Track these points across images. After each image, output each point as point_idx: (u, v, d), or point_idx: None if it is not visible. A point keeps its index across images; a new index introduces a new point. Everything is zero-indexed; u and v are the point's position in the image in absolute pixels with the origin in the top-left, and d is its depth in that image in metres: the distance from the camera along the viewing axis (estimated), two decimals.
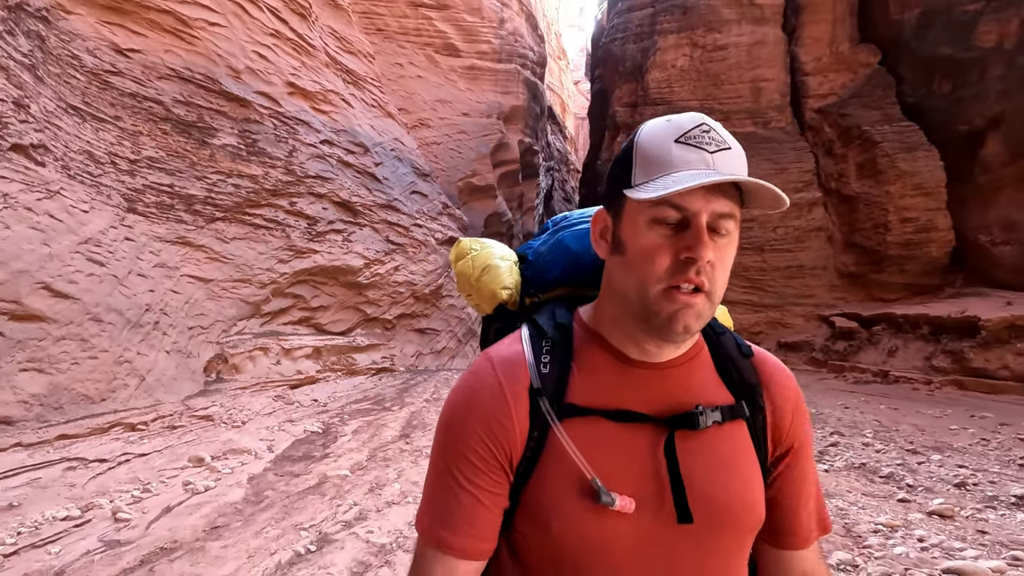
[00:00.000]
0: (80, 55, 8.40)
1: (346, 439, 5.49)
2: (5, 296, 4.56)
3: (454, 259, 1.04)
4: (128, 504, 3.52)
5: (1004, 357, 8.19)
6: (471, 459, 0.72)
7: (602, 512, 0.69)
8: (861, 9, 14.19)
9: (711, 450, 0.74)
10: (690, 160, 0.67)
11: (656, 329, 0.71)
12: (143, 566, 2.87)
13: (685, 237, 0.67)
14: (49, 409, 4.41)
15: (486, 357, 0.79)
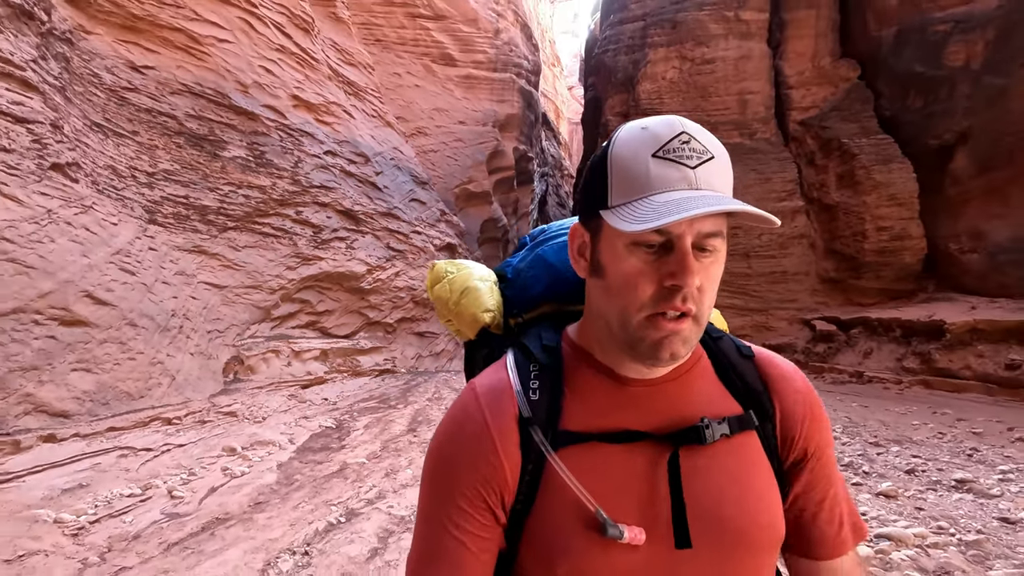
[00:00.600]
0: (100, 73, 8.96)
1: (359, 433, 6.09)
2: (55, 304, 5.13)
3: (430, 284, 0.99)
4: (179, 485, 4.10)
5: (967, 358, 8.87)
6: (458, 503, 0.69)
7: (611, 545, 0.65)
8: (843, 25, 14.92)
9: (720, 466, 0.70)
10: (671, 179, 0.63)
11: (641, 356, 0.67)
12: (205, 531, 3.45)
13: (668, 262, 0.63)
14: (98, 404, 4.98)
15: (471, 389, 0.75)
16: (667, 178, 0.62)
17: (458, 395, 0.76)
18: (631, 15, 18.01)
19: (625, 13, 18.36)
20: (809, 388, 0.78)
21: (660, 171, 0.63)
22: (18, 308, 4.80)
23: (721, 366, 0.77)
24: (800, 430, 0.75)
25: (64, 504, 3.53)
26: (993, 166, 10.33)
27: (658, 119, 0.66)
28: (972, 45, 10.75)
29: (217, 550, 3.21)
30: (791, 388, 0.76)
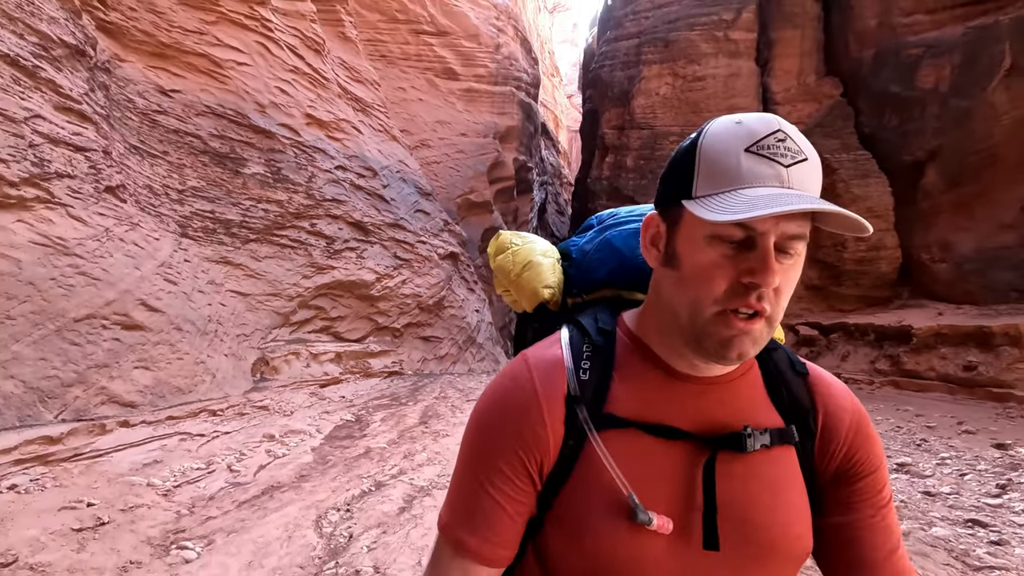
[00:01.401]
0: (133, 98, 9.88)
1: (376, 424, 6.96)
2: (118, 310, 6.01)
3: (493, 253, 1.01)
4: (235, 462, 4.97)
5: (931, 360, 9.75)
6: (499, 465, 0.71)
7: (637, 530, 0.67)
8: (827, 45, 15.88)
9: (757, 474, 0.71)
10: (763, 175, 0.62)
11: (707, 352, 0.67)
12: (264, 495, 4.33)
13: (749, 259, 0.62)
14: (157, 397, 5.86)
15: (523, 359, 0.77)
16: (759, 174, 0.61)
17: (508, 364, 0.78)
18: (626, 32, 18.98)
19: (621, 31, 19.33)
20: (858, 408, 0.78)
21: (752, 166, 0.62)
22: (90, 314, 5.68)
23: (771, 378, 0.77)
24: (842, 445, 0.74)
25: (148, 473, 4.41)
26: (960, 182, 11.24)
27: (754, 115, 0.65)
28: (941, 69, 11.68)
29: (277, 507, 4.08)
30: (837, 405, 0.76)
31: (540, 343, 0.79)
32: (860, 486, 0.75)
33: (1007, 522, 4.40)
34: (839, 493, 0.75)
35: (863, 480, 0.75)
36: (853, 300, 13.24)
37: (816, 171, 0.65)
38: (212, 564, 3.16)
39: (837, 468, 0.75)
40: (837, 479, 0.75)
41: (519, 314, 1.00)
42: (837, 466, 0.75)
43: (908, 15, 12.79)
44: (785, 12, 16.03)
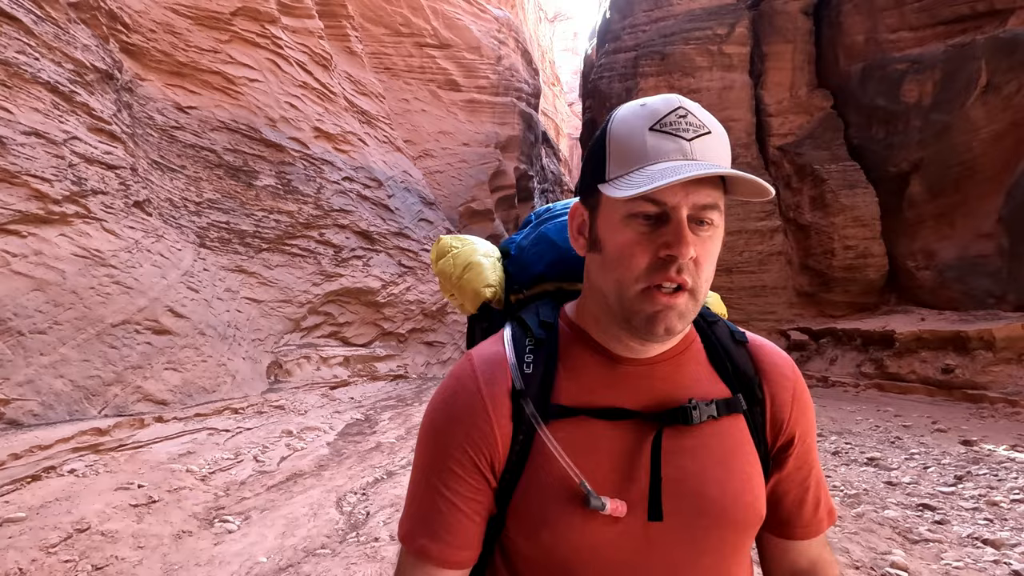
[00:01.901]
0: (153, 115, 10.50)
1: (385, 422, 7.52)
2: (149, 317, 6.59)
3: (435, 259, 1.03)
4: (260, 454, 5.54)
5: (912, 364, 10.28)
6: (451, 467, 0.72)
7: (593, 516, 0.68)
8: (818, 58, 16.47)
9: (706, 446, 0.73)
10: (666, 150, 0.64)
11: (636, 330, 0.70)
12: (289, 480, 4.88)
13: (664, 233, 0.65)
14: (185, 396, 6.43)
15: (467, 359, 0.78)
16: (662, 149, 0.64)
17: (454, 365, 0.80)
18: (624, 45, 19.61)
19: (618, 43, 19.96)
20: (798, 375, 0.82)
21: (656, 143, 0.65)
22: (125, 320, 6.26)
23: (713, 350, 0.80)
24: (788, 415, 0.78)
25: (185, 462, 4.97)
26: (942, 193, 11.80)
27: (657, 96, 0.69)
28: (923, 84, 12.26)
29: (302, 491, 4.64)
30: (780, 374, 0.80)
31: (484, 342, 0.81)
32: (797, 452, 0.80)
33: (954, 506, 4.93)
34: (782, 463, 0.80)
35: (801, 446, 0.80)
36: (843, 306, 13.77)
37: (720, 142, 0.68)
38: (251, 534, 3.72)
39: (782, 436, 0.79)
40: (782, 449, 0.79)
41: (468, 317, 1.02)
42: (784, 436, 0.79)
43: (893, 32, 13.38)
44: (777, 26, 16.64)
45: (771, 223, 15.40)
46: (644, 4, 19.19)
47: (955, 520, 4.54)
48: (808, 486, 0.82)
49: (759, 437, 0.77)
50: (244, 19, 12.95)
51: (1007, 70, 10.28)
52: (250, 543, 3.56)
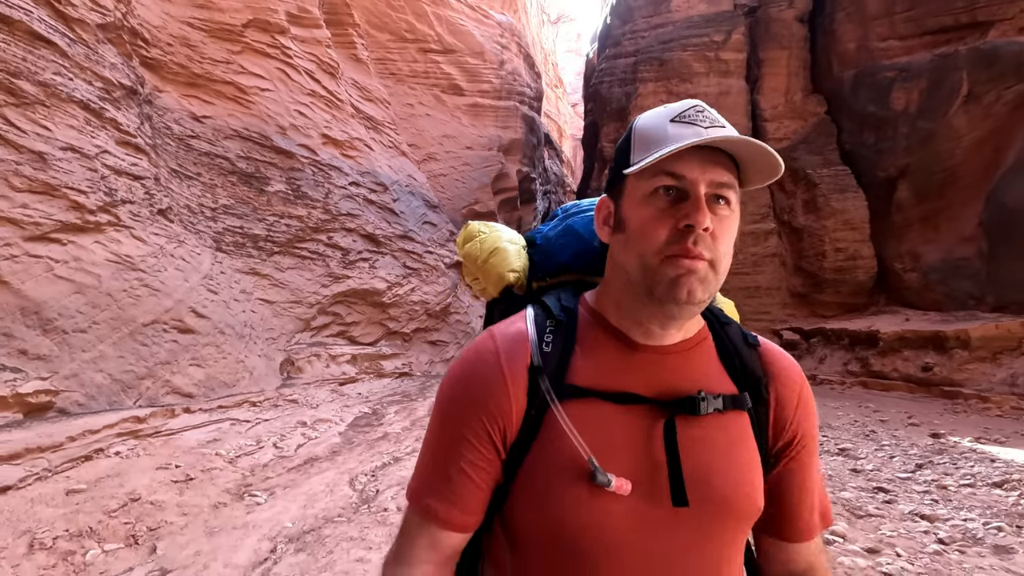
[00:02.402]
0: (171, 125, 11.13)
1: (391, 415, 8.12)
2: (174, 317, 7.22)
3: (461, 242, 1.08)
4: (279, 441, 6.14)
5: (895, 362, 10.80)
6: (464, 434, 0.76)
7: (598, 493, 0.72)
8: (812, 64, 16.98)
9: (711, 437, 0.77)
10: (685, 134, 0.71)
11: (660, 300, 0.74)
12: (306, 464, 5.49)
13: (684, 206, 0.72)
14: (208, 390, 7.05)
15: (489, 334, 0.82)
16: (682, 134, 0.72)
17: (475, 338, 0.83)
18: (624, 51, 20.16)
19: (619, 49, 20.51)
20: (804, 382, 0.86)
21: (676, 130, 0.72)
22: (154, 320, 6.88)
23: (725, 349, 0.84)
24: (791, 417, 0.83)
25: (213, 447, 5.58)
26: (927, 198, 12.31)
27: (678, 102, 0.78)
28: (910, 92, 12.76)
29: (318, 472, 5.25)
30: (788, 377, 0.85)
31: (506, 320, 0.85)
32: (799, 454, 0.84)
33: (907, 490, 5.49)
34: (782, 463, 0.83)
35: (803, 449, 0.84)
36: (834, 307, 14.28)
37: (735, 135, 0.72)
38: (277, 506, 4.33)
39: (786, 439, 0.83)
40: (784, 449, 0.83)
41: (488, 302, 1.06)
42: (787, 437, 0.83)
43: (883, 40, 13.88)
44: (773, 33, 17.15)
45: (766, 225, 15.92)
46: (644, 11, 19.72)
47: (903, 501, 5.10)
48: (807, 489, 0.85)
49: (761, 435, 0.81)
50: (255, 30, 13.55)
51: (987, 80, 10.78)
52: (276, 512, 4.17)
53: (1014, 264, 9.95)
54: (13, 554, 3.13)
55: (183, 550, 3.46)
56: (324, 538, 3.72)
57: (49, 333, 5.67)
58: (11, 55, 6.72)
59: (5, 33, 6.78)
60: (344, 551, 3.47)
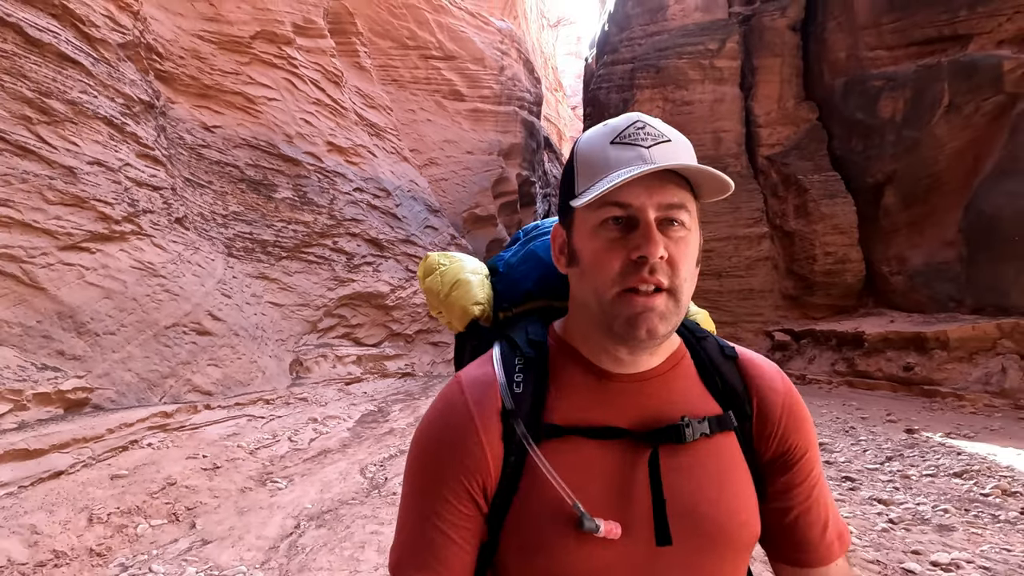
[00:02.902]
0: (183, 135, 11.67)
1: (396, 413, 8.65)
2: (193, 320, 7.75)
3: (422, 276, 1.03)
4: (292, 435, 6.67)
5: (879, 362, 11.30)
6: (443, 493, 0.73)
7: (587, 539, 0.69)
8: (805, 72, 17.48)
9: (699, 464, 0.74)
10: (626, 158, 0.69)
11: (618, 336, 0.72)
12: (320, 455, 6.02)
13: (634, 236, 0.69)
14: (225, 388, 7.58)
15: (456, 381, 0.79)
16: (623, 158, 0.69)
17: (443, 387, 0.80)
18: (621, 58, 20.67)
19: (616, 56, 21.02)
20: (789, 388, 0.83)
21: (617, 154, 0.70)
22: (175, 323, 7.42)
23: (703, 366, 0.81)
24: (777, 428, 0.79)
25: (234, 440, 6.11)
26: (913, 204, 12.81)
27: (619, 116, 0.75)
28: (896, 101, 13.27)
29: (331, 462, 5.78)
30: (769, 387, 0.81)
31: (473, 363, 0.83)
32: (795, 469, 0.80)
33: (873, 479, 6.00)
34: (778, 478, 0.80)
35: (798, 463, 0.80)
36: (824, 308, 14.78)
37: (681, 148, 0.73)
38: (296, 490, 4.85)
39: (775, 451, 0.80)
40: (775, 463, 0.80)
41: (456, 335, 1.02)
42: (774, 449, 0.80)
43: (872, 50, 14.39)
44: (766, 41, 17.66)
45: (759, 230, 16.43)
46: (641, 19, 20.25)
47: (866, 488, 5.61)
48: (811, 504, 0.81)
49: (750, 453, 0.79)
50: (262, 42, 14.09)
51: (966, 91, 11.29)
52: (297, 496, 4.69)
53: (991, 268, 10.45)
54: (76, 526, 3.66)
55: (219, 525, 3.98)
56: (341, 516, 4.25)
57: (83, 335, 6.20)
58: (42, 76, 7.26)
59: (36, 56, 7.32)
60: (360, 526, 3.99)
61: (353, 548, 3.63)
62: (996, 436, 7.72)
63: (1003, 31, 10.72)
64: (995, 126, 10.84)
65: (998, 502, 5.21)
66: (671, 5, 19.48)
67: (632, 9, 20.64)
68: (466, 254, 1.06)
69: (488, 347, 0.85)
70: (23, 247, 6.17)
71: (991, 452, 6.94)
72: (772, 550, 0.84)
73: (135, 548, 3.59)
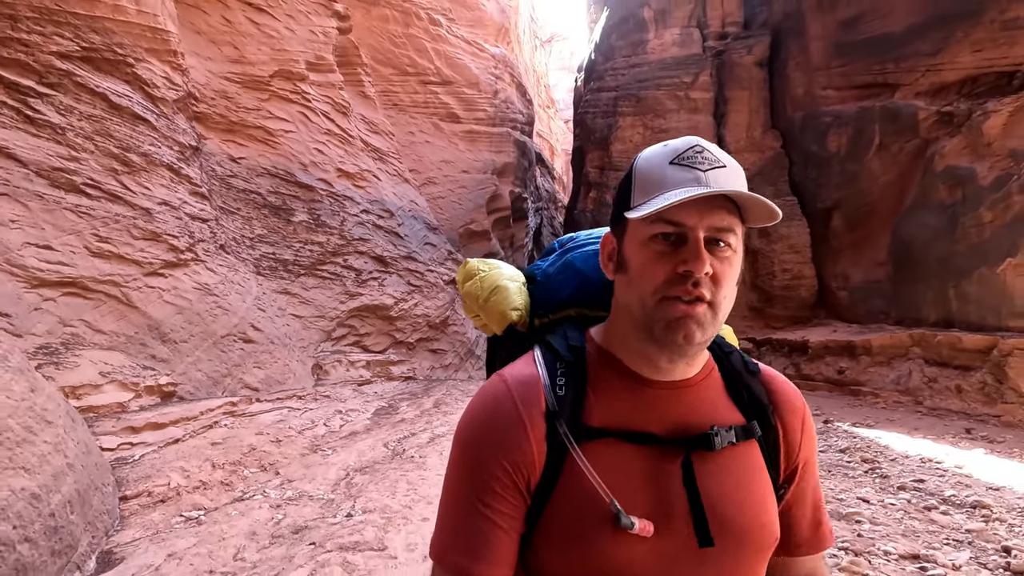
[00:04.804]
0: (215, 167, 13.67)
1: (404, 408, 10.65)
2: (240, 330, 9.74)
3: (462, 280, 1.12)
4: (326, 422, 8.66)
5: (819, 366, 13.38)
6: (491, 484, 0.79)
7: (622, 536, 0.75)
8: (772, 103, 19.66)
9: (726, 471, 0.83)
10: (683, 179, 0.77)
11: (657, 340, 0.79)
12: (350, 436, 8.01)
13: (682, 252, 0.77)
14: (267, 386, 9.55)
15: (501, 379, 0.85)
16: (680, 178, 0.77)
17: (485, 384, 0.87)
18: (606, 86, 22.84)
19: (602, 83, 23.20)
20: (805, 406, 0.94)
21: (675, 174, 0.77)
22: (228, 333, 9.40)
23: (730, 378, 0.90)
24: (798, 444, 0.90)
25: (283, 425, 8.09)
26: (855, 228, 14.94)
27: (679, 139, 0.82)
28: (841, 136, 15.42)
29: (361, 440, 7.77)
30: (792, 405, 0.92)
31: (515, 363, 0.89)
32: (800, 474, 0.92)
33: None
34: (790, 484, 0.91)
35: (803, 468, 0.92)
36: (783, 319, 16.87)
37: (735, 175, 0.80)
38: (341, 455, 6.84)
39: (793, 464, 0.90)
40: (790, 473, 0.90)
41: (489, 338, 1.11)
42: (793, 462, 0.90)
43: (824, 89, 16.57)
44: (736, 76, 19.83)
45: None
46: (623, 51, 22.44)
47: None
48: (808, 506, 0.93)
49: (772, 464, 0.88)
50: (280, 79, 16.13)
51: (892, 133, 13.44)
52: (342, 458, 6.69)
53: (909, 286, 12.55)
54: (205, 469, 5.65)
55: (295, 472, 5.99)
56: (376, 469, 6.26)
57: (166, 343, 8.19)
58: (123, 134, 9.28)
59: (117, 117, 9.34)
60: (391, 473, 6.01)
61: (389, 484, 5.62)
62: (891, 424, 9.78)
63: (919, 84, 12.87)
64: (915, 164, 12.99)
65: (855, 466, 7.25)
66: (651, 40, 21.67)
67: (616, 41, 22.84)
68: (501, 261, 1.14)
69: (521, 352, 0.94)
70: (120, 274, 8.16)
71: (878, 436, 9.00)
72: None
73: (247, 483, 5.58)
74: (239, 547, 4.05)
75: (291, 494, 5.31)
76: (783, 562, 0.95)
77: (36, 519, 3.37)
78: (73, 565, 3.62)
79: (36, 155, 7.94)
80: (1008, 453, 7.69)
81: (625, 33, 22.55)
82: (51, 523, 3.49)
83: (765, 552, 0.86)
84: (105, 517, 4.25)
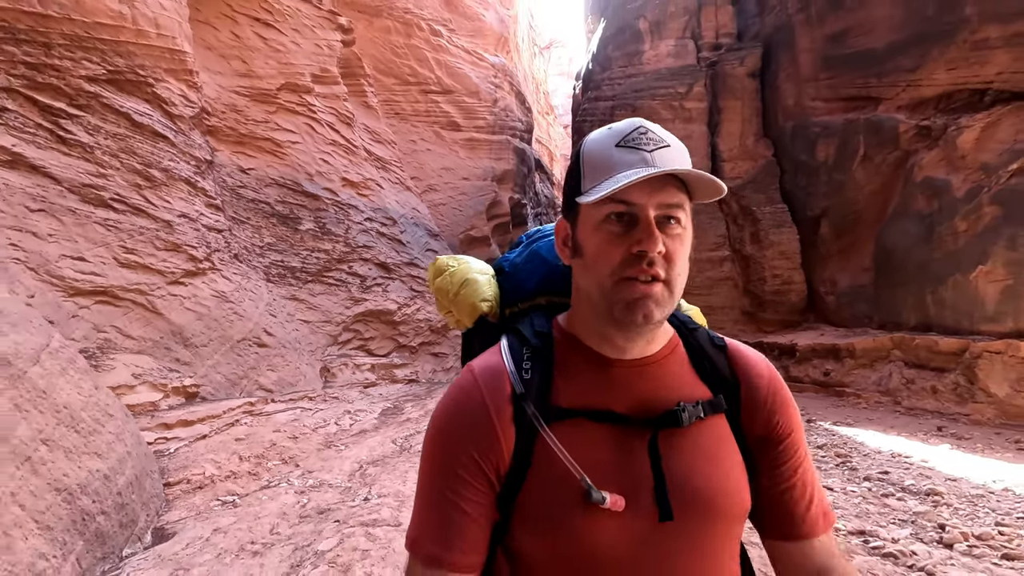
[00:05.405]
0: (225, 178, 14.36)
1: (408, 408, 11.31)
2: (254, 335, 10.40)
3: (432, 277, 1.16)
4: (336, 421, 9.32)
5: (807, 369, 14.02)
6: (459, 473, 0.82)
7: (594, 511, 0.79)
8: (764, 112, 20.35)
9: (694, 444, 0.85)
10: (630, 161, 0.79)
11: (617, 321, 0.82)
12: (360, 434, 8.67)
13: (635, 232, 0.79)
14: (280, 387, 10.21)
15: (468, 370, 0.90)
16: (627, 160, 0.79)
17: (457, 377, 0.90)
18: (603, 95, 23.54)
19: (599, 92, 23.89)
20: (773, 374, 0.95)
21: (622, 156, 0.80)
22: (243, 338, 10.06)
23: (695, 354, 0.94)
24: (763, 410, 0.91)
25: (298, 423, 8.75)
26: (842, 235, 15.60)
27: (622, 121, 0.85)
28: (828, 147, 16.09)
29: (370, 436, 8.43)
30: (756, 374, 0.94)
31: (483, 354, 0.94)
32: (781, 448, 0.92)
33: None
34: (765, 457, 0.92)
35: (784, 442, 0.92)
36: (774, 323, 17.52)
37: (679, 152, 0.83)
38: (353, 450, 7.50)
39: (761, 432, 0.92)
40: (762, 443, 0.92)
41: (463, 332, 1.15)
42: (761, 430, 0.92)
43: (812, 100, 17.25)
44: (729, 86, 20.53)
45: (721, 253, 19.22)
46: (620, 61, 23.15)
47: None
48: (796, 482, 0.92)
49: (739, 433, 0.91)
50: (287, 92, 16.84)
51: (875, 145, 14.11)
52: (355, 452, 7.35)
53: (890, 292, 13.22)
54: (231, 461, 6.31)
55: (313, 465, 6.65)
56: (387, 461, 6.92)
57: (188, 347, 8.85)
58: (145, 151, 9.96)
59: (140, 135, 10.02)
60: (400, 465, 6.67)
61: (400, 473, 6.28)
62: (870, 423, 10.43)
63: (899, 99, 13.55)
64: (896, 175, 13.66)
65: (828, 460, 7.90)
66: (646, 51, 22.40)
67: (612, 52, 23.55)
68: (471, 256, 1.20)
69: (495, 342, 0.96)
70: (146, 283, 8.83)
71: (855, 433, 9.65)
72: (762, 526, 0.95)
73: (271, 473, 6.24)
74: (273, 524, 4.71)
75: (312, 482, 5.96)
76: (785, 550, 0.94)
77: (108, 496, 4.04)
78: (135, 537, 4.28)
79: (68, 172, 8.61)
80: (972, 448, 8.34)
81: (621, 44, 23.27)
82: (119, 500, 4.16)
83: (734, 522, 0.88)
84: (155, 499, 4.91)
